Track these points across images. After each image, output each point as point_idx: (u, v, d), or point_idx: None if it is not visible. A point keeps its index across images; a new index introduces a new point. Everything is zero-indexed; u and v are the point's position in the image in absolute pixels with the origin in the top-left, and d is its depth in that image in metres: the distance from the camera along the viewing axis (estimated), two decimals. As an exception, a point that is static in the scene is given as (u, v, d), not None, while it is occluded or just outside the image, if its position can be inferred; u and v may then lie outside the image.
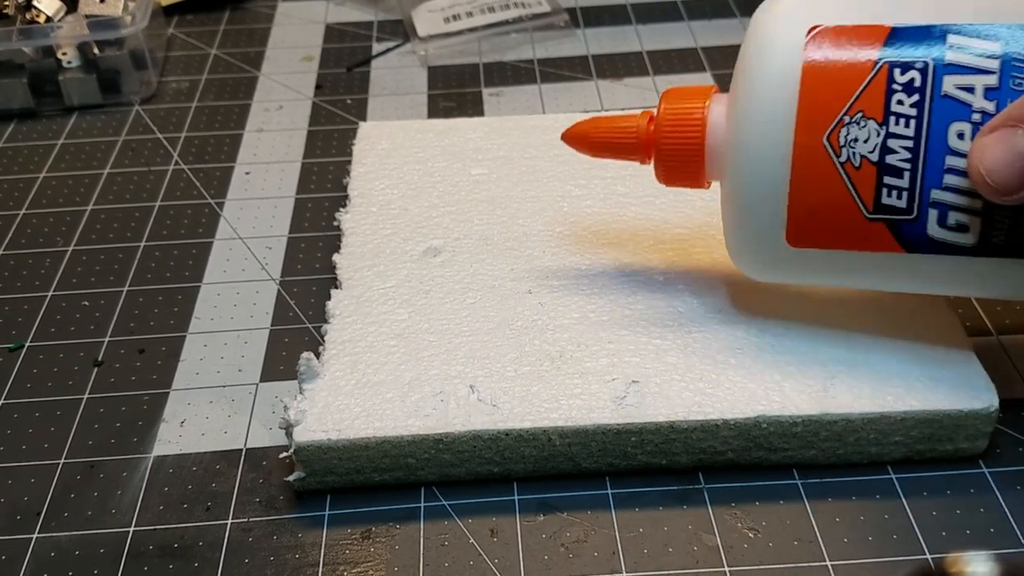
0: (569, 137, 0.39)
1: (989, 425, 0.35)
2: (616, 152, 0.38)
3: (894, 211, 0.32)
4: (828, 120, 0.32)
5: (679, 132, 0.36)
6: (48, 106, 0.58)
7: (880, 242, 0.33)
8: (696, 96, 0.36)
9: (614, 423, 0.35)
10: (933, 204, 0.32)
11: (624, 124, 0.37)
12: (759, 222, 0.34)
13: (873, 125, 0.32)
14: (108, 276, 0.46)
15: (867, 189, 0.32)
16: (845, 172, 0.33)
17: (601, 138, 0.38)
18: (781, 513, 0.35)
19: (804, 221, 0.34)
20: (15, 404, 0.40)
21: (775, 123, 0.33)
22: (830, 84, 0.32)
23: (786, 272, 0.36)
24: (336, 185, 0.51)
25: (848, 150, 0.32)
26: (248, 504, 0.36)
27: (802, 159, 0.33)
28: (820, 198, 0.33)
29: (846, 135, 0.32)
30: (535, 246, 0.42)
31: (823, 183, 0.33)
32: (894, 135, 0.32)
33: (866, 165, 0.32)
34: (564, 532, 0.34)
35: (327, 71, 0.61)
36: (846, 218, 0.33)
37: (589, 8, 0.66)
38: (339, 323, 0.39)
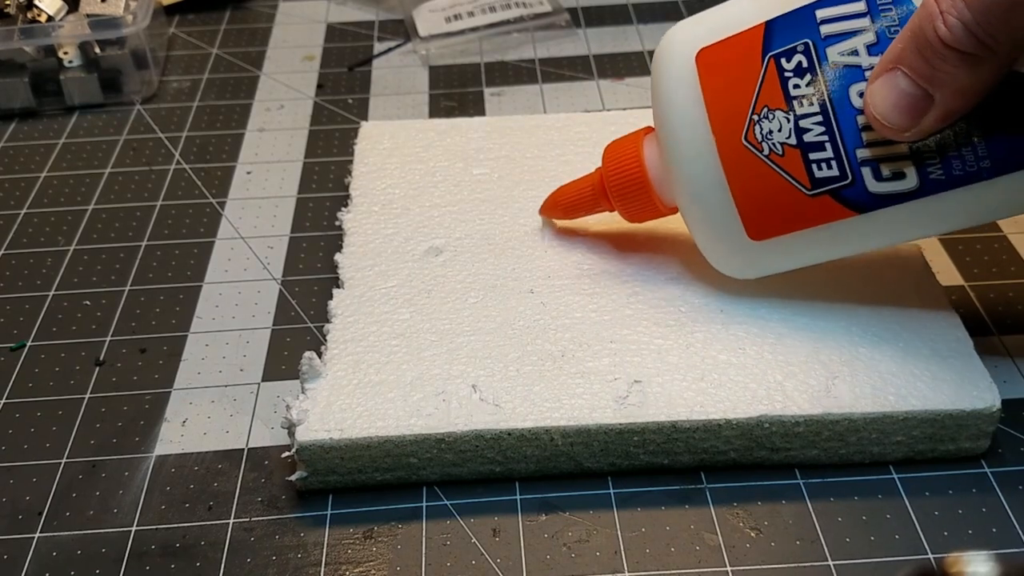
0: (544, 211, 0.43)
1: (991, 425, 0.35)
2: (585, 209, 0.41)
3: (831, 181, 0.34)
4: (740, 124, 0.35)
5: (622, 175, 0.39)
6: (49, 105, 0.57)
7: (831, 212, 0.34)
8: (629, 141, 0.39)
9: (616, 423, 0.35)
10: (863, 163, 0.34)
11: (581, 185, 0.41)
12: (720, 231, 0.37)
13: (780, 114, 0.34)
14: (110, 276, 0.46)
15: (799, 170, 0.34)
16: (773, 162, 0.35)
17: (567, 202, 0.42)
18: (783, 513, 0.35)
19: (756, 216, 0.36)
20: (17, 404, 0.40)
21: (696, 142, 0.36)
22: (730, 92, 0.35)
23: (764, 264, 0.37)
24: (338, 185, 0.51)
25: (767, 143, 0.35)
26: (250, 504, 0.36)
27: (731, 165, 0.35)
28: (761, 192, 0.35)
29: (760, 131, 0.35)
30: (537, 246, 0.42)
31: (758, 178, 0.35)
32: (802, 116, 0.34)
33: (788, 150, 0.34)
34: (566, 532, 0.35)
35: (328, 71, 0.61)
36: (792, 201, 0.35)
37: (590, 8, 0.66)
38: (341, 323, 0.39)
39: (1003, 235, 0.46)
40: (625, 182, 0.39)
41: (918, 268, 0.40)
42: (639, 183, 0.39)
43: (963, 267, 0.44)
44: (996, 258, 0.45)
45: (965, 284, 0.43)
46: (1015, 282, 0.44)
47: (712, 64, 0.35)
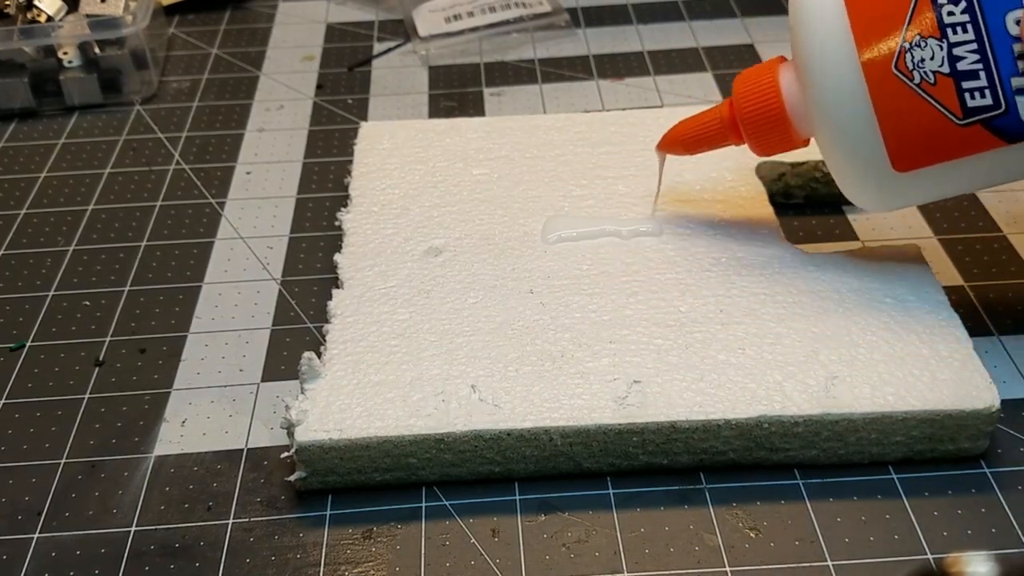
0: (664, 146, 0.42)
1: (990, 425, 0.35)
2: (711, 142, 0.41)
3: (984, 110, 0.34)
4: (890, 52, 0.34)
5: (758, 105, 0.38)
6: (49, 106, 0.58)
7: (981, 142, 0.34)
8: (764, 70, 0.39)
9: (615, 423, 0.35)
10: (1018, 92, 0.33)
11: (707, 118, 0.40)
12: (863, 162, 0.36)
13: (933, 42, 0.34)
14: (109, 276, 0.46)
15: (951, 99, 0.34)
16: (924, 92, 0.34)
17: (690, 136, 0.41)
18: (782, 513, 0.35)
19: (904, 147, 0.35)
20: (16, 404, 0.40)
21: (842, 71, 0.35)
22: (879, 20, 0.34)
23: (906, 196, 0.37)
24: (337, 185, 0.51)
25: (919, 72, 0.34)
26: (249, 504, 0.36)
27: (880, 94, 0.35)
28: (911, 123, 0.35)
29: (912, 59, 0.34)
30: (536, 246, 0.42)
31: (908, 109, 0.35)
32: (956, 44, 0.34)
33: (941, 79, 0.34)
34: (565, 532, 0.34)
35: (328, 71, 0.61)
36: (941, 131, 0.34)
37: (590, 8, 0.66)
38: (340, 323, 0.39)
39: (1003, 235, 0.46)
40: (761, 113, 0.38)
41: (918, 268, 0.40)
42: (776, 114, 0.38)
43: (963, 267, 0.44)
44: (996, 258, 0.45)
45: (965, 284, 0.43)
46: (1015, 282, 0.44)
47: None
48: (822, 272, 0.40)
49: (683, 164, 0.46)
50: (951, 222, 0.47)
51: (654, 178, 0.45)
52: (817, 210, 0.47)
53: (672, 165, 0.46)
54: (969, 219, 0.47)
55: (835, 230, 0.46)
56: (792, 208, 0.47)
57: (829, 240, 0.46)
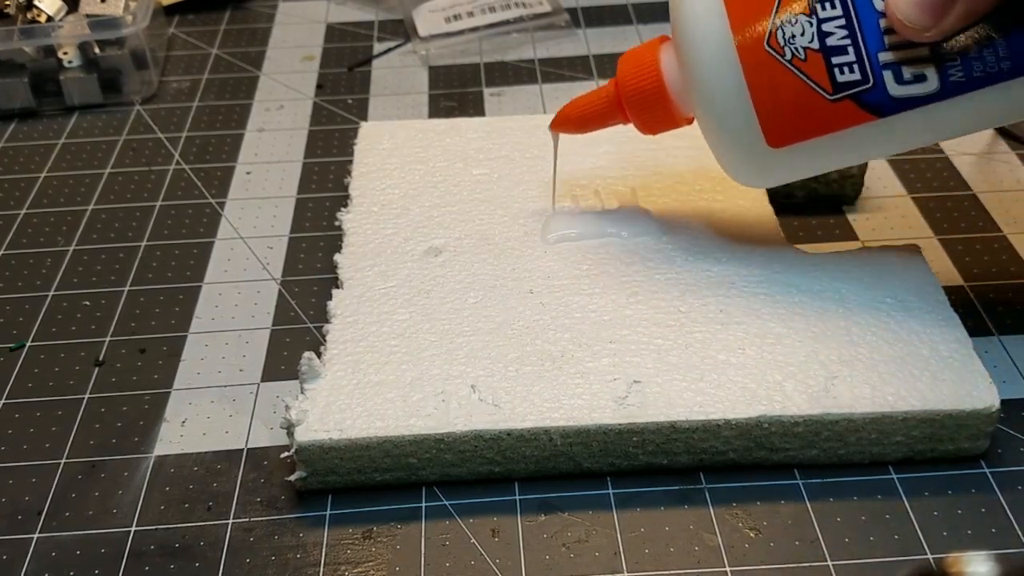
0: (556, 125, 0.42)
1: (990, 425, 0.35)
2: (598, 121, 0.41)
3: (852, 85, 0.34)
4: (762, 29, 0.35)
5: (640, 83, 0.39)
6: (49, 106, 0.58)
7: (852, 117, 0.35)
8: (646, 49, 0.39)
9: (615, 423, 0.35)
10: (884, 66, 0.34)
11: (594, 97, 0.41)
12: (738, 139, 0.36)
13: (803, 18, 0.35)
14: (109, 276, 0.46)
15: (820, 74, 0.35)
16: (795, 67, 0.35)
17: (580, 114, 0.41)
18: (782, 513, 0.35)
19: (776, 123, 0.36)
20: (16, 404, 0.40)
21: (716, 49, 0.35)
22: None
23: (781, 172, 0.38)
24: (337, 185, 0.51)
25: (790, 48, 0.35)
26: (249, 504, 0.36)
27: (752, 71, 0.35)
28: (783, 98, 0.35)
29: (783, 35, 0.35)
30: (536, 246, 0.42)
31: (780, 84, 0.35)
32: (825, 19, 0.34)
33: (811, 55, 0.35)
34: (565, 532, 0.34)
35: (328, 71, 0.61)
36: (813, 107, 0.35)
37: (590, 8, 0.66)
38: (340, 323, 0.39)
39: (1003, 235, 0.46)
40: (642, 91, 0.38)
41: (918, 268, 0.40)
42: (656, 92, 0.38)
43: (963, 267, 0.44)
44: (996, 258, 0.45)
45: (965, 284, 0.43)
46: (1015, 282, 0.44)
47: None
48: (822, 272, 0.40)
49: (683, 164, 0.46)
50: (951, 222, 0.47)
51: (655, 178, 0.45)
52: (817, 210, 0.47)
53: (671, 166, 0.46)
54: (969, 219, 0.47)
55: (835, 230, 0.46)
56: (792, 208, 0.47)
57: (829, 240, 0.46)
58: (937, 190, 0.49)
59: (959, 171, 0.50)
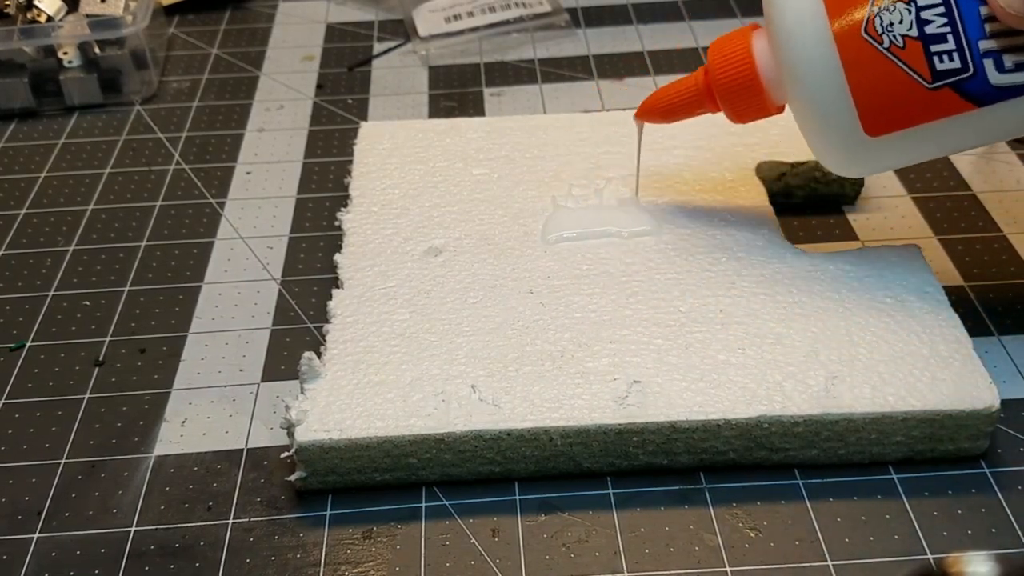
0: (641, 114, 0.42)
1: (990, 425, 0.35)
2: (686, 110, 0.41)
3: (952, 73, 0.34)
4: (859, 16, 0.35)
5: (732, 71, 0.38)
6: (49, 106, 0.58)
7: (951, 106, 0.35)
8: (738, 36, 0.39)
9: (615, 423, 0.35)
10: (985, 55, 0.34)
11: (682, 86, 0.40)
12: (835, 126, 0.36)
13: (902, 6, 0.34)
14: (109, 276, 0.46)
15: (919, 62, 0.34)
16: (893, 55, 0.34)
17: (667, 104, 0.41)
18: (782, 513, 0.35)
19: (874, 111, 0.35)
20: (16, 404, 0.40)
21: (813, 36, 0.35)
22: None
23: (878, 161, 0.37)
24: (337, 185, 0.51)
25: (888, 35, 0.34)
26: (249, 504, 0.36)
27: (850, 58, 0.35)
28: (881, 86, 0.35)
29: (881, 23, 0.34)
30: (536, 246, 0.42)
31: (878, 72, 0.35)
32: (924, 7, 0.34)
33: (910, 42, 0.34)
34: (565, 532, 0.34)
35: (328, 71, 0.61)
36: (912, 95, 0.35)
37: (590, 8, 0.66)
38: (340, 323, 0.39)
39: (1003, 235, 0.46)
40: (734, 79, 0.38)
41: (918, 268, 0.40)
42: (749, 80, 0.38)
43: (963, 267, 0.44)
44: (996, 258, 0.45)
45: (965, 284, 0.43)
46: (1015, 282, 0.44)
47: None
48: (822, 272, 0.40)
49: (683, 164, 0.46)
50: (951, 222, 0.47)
51: (654, 178, 0.45)
52: (817, 210, 0.47)
53: (672, 166, 0.46)
54: (969, 219, 0.47)
55: (835, 230, 0.46)
56: (792, 208, 0.47)
57: (829, 240, 0.46)
58: (937, 190, 0.49)
59: (959, 171, 0.50)
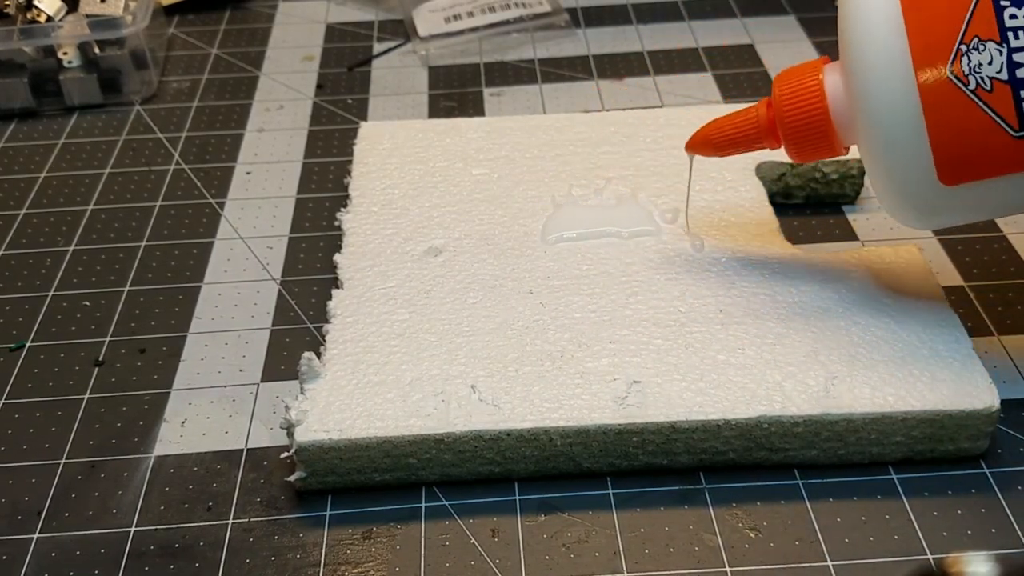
0: (692, 146, 0.40)
1: (990, 425, 0.35)
2: (745, 145, 0.38)
3: None
4: (946, 54, 0.32)
5: (801, 108, 0.36)
6: (49, 106, 0.58)
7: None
8: (808, 70, 0.36)
9: (615, 423, 0.35)
10: None
11: (742, 119, 0.38)
12: (908, 171, 0.34)
13: (992, 46, 0.32)
14: (109, 276, 0.46)
15: (1007, 108, 0.32)
16: (979, 98, 0.32)
17: (723, 138, 0.39)
18: (782, 513, 0.35)
19: (953, 157, 0.33)
20: (16, 404, 0.40)
21: (893, 70, 0.33)
22: (936, 19, 0.32)
23: (952, 213, 0.35)
24: (337, 185, 0.51)
25: (975, 76, 0.32)
26: (249, 504, 0.36)
27: (932, 98, 0.33)
28: (962, 130, 0.33)
29: (968, 63, 0.32)
30: (536, 246, 0.42)
31: (960, 115, 0.32)
32: (1017, 49, 0.32)
33: (998, 86, 0.32)
34: (565, 532, 0.34)
35: (328, 71, 0.61)
36: (995, 143, 0.32)
37: (590, 8, 0.66)
38: (340, 323, 0.39)
39: (1003, 235, 0.46)
40: (803, 117, 0.36)
41: (917, 268, 0.40)
42: (819, 119, 0.36)
43: (963, 267, 0.44)
44: (996, 258, 0.45)
45: (965, 284, 0.43)
46: (1015, 282, 0.43)
47: None
48: (822, 272, 0.40)
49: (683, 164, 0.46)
50: (951, 222, 0.47)
51: (655, 178, 0.45)
52: (817, 210, 0.47)
53: (672, 166, 0.46)
54: (969, 219, 0.47)
55: (835, 230, 0.46)
56: (792, 208, 0.47)
57: (829, 240, 0.46)
58: (937, 190, 0.49)
59: (959, 171, 0.50)
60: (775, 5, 0.65)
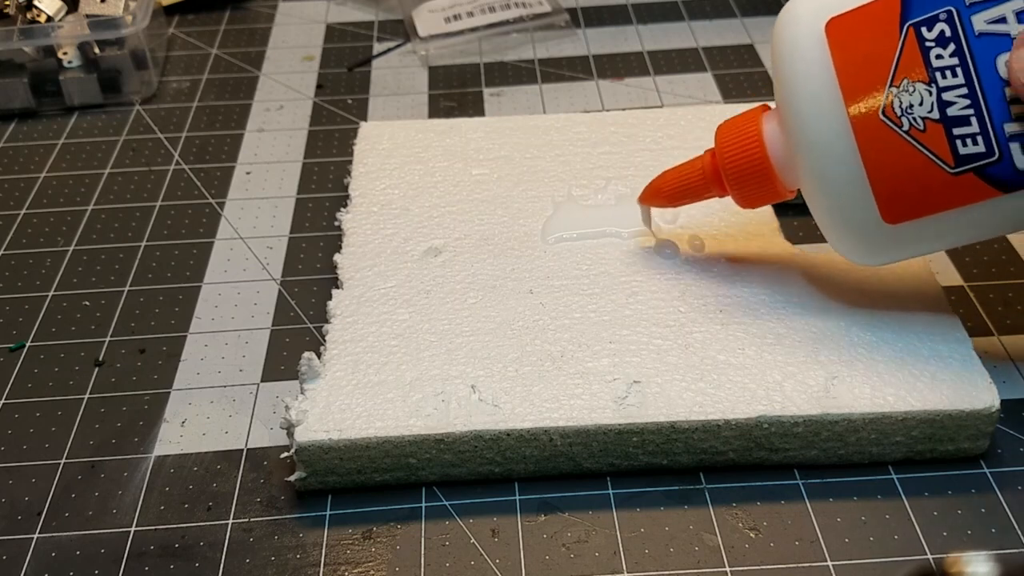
0: (645, 199, 0.41)
1: (990, 425, 0.35)
2: (693, 195, 0.39)
3: (977, 158, 0.32)
4: (877, 98, 0.33)
5: (740, 156, 0.37)
6: (49, 106, 0.58)
7: (976, 192, 0.33)
8: (747, 119, 0.37)
9: (615, 423, 0.35)
10: (1011, 138, 0.32)
11: (688, 170, 0.39)
12: (851, 213, 0.34)
13: (922, 87, 0.32)
14: (109, 276, 0.46)
15: (941, 146, 0.33)
16: (913, 138, 0.33)
17: (672, 189, 0.40)
18: (782, 513, 0.35)
19: (894, 197, 0.34)
20: (16, 404, 0.40)
21: (827, 119, 0.34)
22: (865, 64, 0.33)
23: (897, 249, 0.36)
24: (337, 185, 0.51)
25: (907, 118, 0.33)
26: (249, 504, 0.36)
27: (867, 141, 0.33)
28: (901, 171, 0.33)
29: (900, 105, 0.33)
30: (536, 246, 0.42)
31: (897, 156, 0.33)
32: (946, 88, 0.32)
33: (931, 125, 0.33)
34: (565, 532, 0.34)
35: (328, 71, 0.61)
36: (933, 180, 0.33)
37: (590, 8, 0.66)
38: (340, 323, 0.39)
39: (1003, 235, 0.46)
40: (744, 165, 0.37)
41: (918, 268, 0.40)
42: (760, 166, 0.36)
43: (963, 267, 0.44)
44: (996, 258, 0.45)
45: (965, 284, 0.43)
46: (1015, 282, 0.44)
47: (843, 35, 0.33)
48: (822, 272, 0.40)
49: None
50: (951, 222, 0.47)
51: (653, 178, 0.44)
52: (817, 210, 0.47)
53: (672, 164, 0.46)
54: (969, 219, 0.47)
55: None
56: (792, 208, 0.47)
57: (829, 240, 0.46)
58: (937, 190, 0.49)
59: (959, 171, 0.50)
60: (775, 5, 0.65)
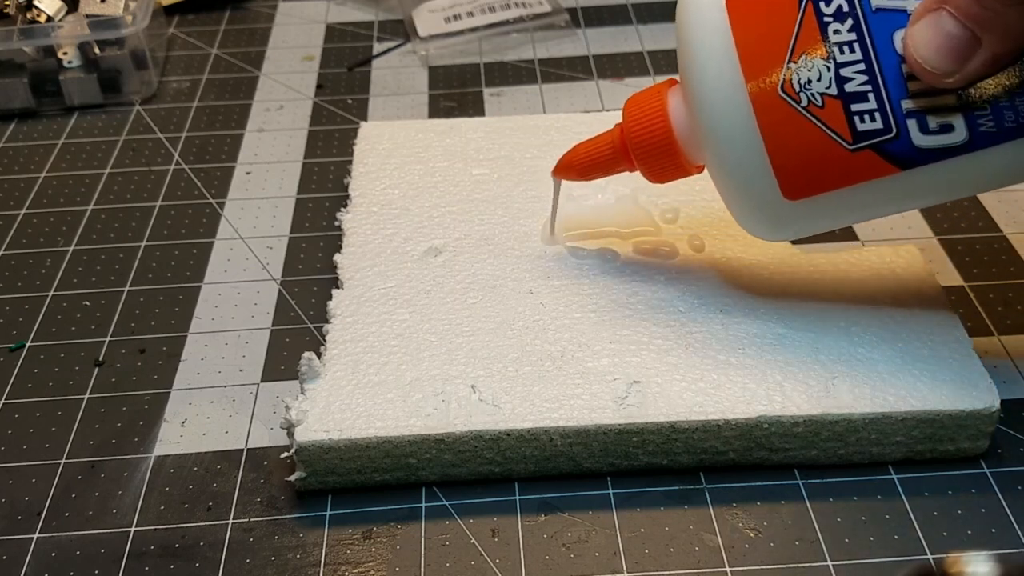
0: (558, 171, 0.41)
1: (990, 425, 0.35)
2: (603, 169, 0.39)
3: (874, 134, 0.32)
4: (776, 73, 0.33)
5: (646, 131, 0.36)
6: (49, 106, 0.57)
7: (874, 169, 0.33)
8: (652, 94, 0.37)
9: (615, 423, 0.35)
10: (908, 115, 0.32)
11: (598, 143, 0.39)
12: (752, 188, 0.34)
13: (819, 62, 0.32)
14: (109, 276, 0.46)
15: (839, 122, 0.32)
16: (812, 114, 0.32)
17: (584, 161, 0.39)
18: (782, 513, 0.35)
19: (793, 174, 0.33)
20: (16, 404, 0.40)
21: (727, 94, 0.33)
22: (764, 39, 0.33)
23: (798, 225, 0.35)
24: (337, 185, 0.51)
25: (806, 93, 0.32)
26: (249, 504, 0.36)
27: (766, 118, 0.33)
28: (799, 147, 0.33)
29: (798, 80, 0.32)
30: (536, 246, 0.42)
31: (796, 132, 0.33)
32: (844, 64, 0.32)
33: (829, 101, 0.32)
34: (565, 532, 0.34)
35: (328, 71, 0.61)
36: (832, 157, 0.33)
37: (590, 8, 0.66)
38: (340, 323, 0.39)
39: (1003, 235, 0.46)
40: (649, 139, 0.36)
41: (918, 268, 0.40)
42: (664, 140, 0.36)
43: (963, 267, 0.44)
44: (996, 258, 0.45)
45: (965, 284, 0.43)
46: (1015, 282, 0.44)
47: (743, 9, 0.33)
48: (822, 272, 0.40)
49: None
50: (951, 222, 0.47)
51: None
52: (817, 210, 0.47)
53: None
54: (969, 219, 0.47)
55: (835, 230, 0.46)
56: (792, 208, 0.47)
57: (829, 240, 0.46)
58: (937, 190, 0.49)
59: (959, 171, 0.50)
60: (775, 5, 0.65)
